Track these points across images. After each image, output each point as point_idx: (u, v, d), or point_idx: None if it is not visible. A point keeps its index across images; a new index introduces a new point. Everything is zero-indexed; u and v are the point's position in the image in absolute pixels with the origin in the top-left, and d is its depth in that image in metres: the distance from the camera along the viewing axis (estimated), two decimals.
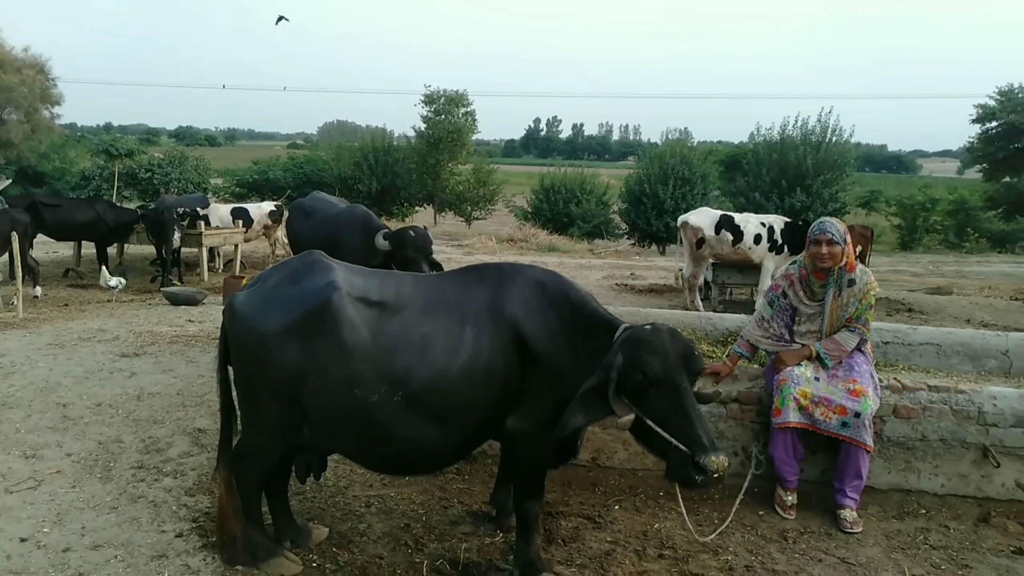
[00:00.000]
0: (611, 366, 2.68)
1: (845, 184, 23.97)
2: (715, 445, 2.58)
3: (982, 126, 33.81)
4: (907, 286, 14.13)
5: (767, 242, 9.93)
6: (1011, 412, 3.87)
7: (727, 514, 3.68)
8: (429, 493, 3.98)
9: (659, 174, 23.88)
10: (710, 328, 5.44)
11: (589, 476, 4.23)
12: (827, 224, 3.84)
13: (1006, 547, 3.57)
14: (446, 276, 3.42)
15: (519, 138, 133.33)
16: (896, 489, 4.02)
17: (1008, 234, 28.01)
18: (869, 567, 3.37)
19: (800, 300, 3.99)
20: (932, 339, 5.26)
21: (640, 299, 11.39)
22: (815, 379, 3.83)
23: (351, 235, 6.39)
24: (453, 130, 29.49)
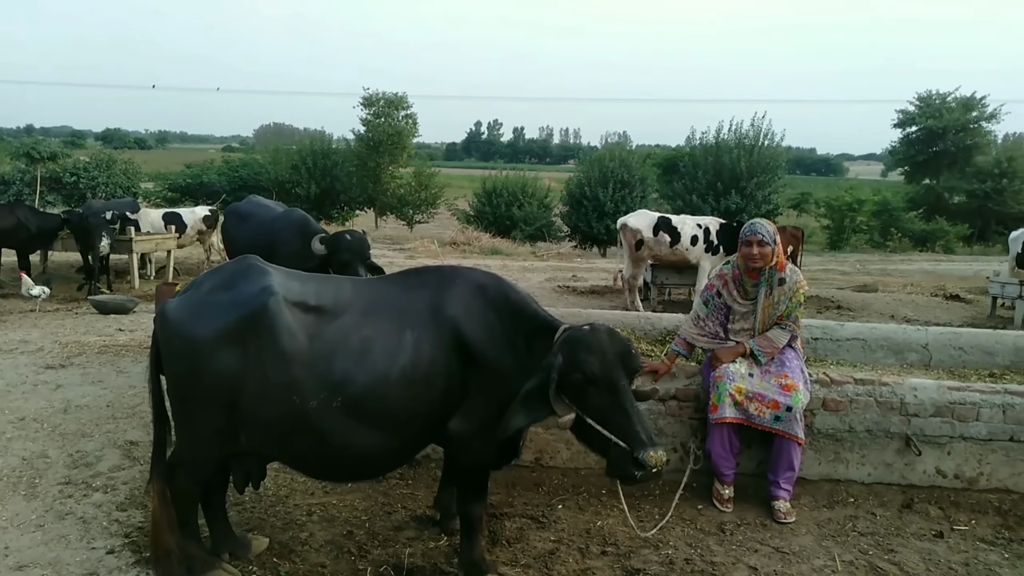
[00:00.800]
0: (551, 367, 2.72)
1: (777, 186, 24.74)
2: (653, 440, 2.64)
3: (903, 131, 35.51)
4: (836, 284, 14.69)
5: (703, 243, 10.19)
6: (931, 402, 4.07)
7: (667, 509, 3.77)
8: (372, 499, 3.94)
9: (599, 177, 24.17)
10: (649, 328, 5.54)
11: (533, 476, 4.26)
12: (758, 226, 3.97)
13: (928, 531, 3.75)
14: (385, 280, 3.40)
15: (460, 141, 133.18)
16: (826, 479, 4.18)
17: (928, 233, 29.37)
18: (802, 555, 3.50)
19: (734, 299, 4.11)
20: (858, 334, 5.49)
21: (582, 300, 11.52)
22: (749, 375, 3.95)
23: (288, 239, 6.28)
24: (393, 133, 29.20)
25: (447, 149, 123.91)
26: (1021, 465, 4.05)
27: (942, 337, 5.47)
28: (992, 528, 3.80)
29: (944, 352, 5.41)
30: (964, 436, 4.06)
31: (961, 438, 4.07)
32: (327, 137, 31.70)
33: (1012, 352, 5.33)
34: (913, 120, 34.70)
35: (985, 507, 3.99)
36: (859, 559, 3.47)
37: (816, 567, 3.39)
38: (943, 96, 34.18)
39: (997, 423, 4.03)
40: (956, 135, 33.01)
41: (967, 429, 4.05)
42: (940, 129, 33.18)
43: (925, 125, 33.87)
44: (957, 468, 4.10)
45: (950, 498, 4.06)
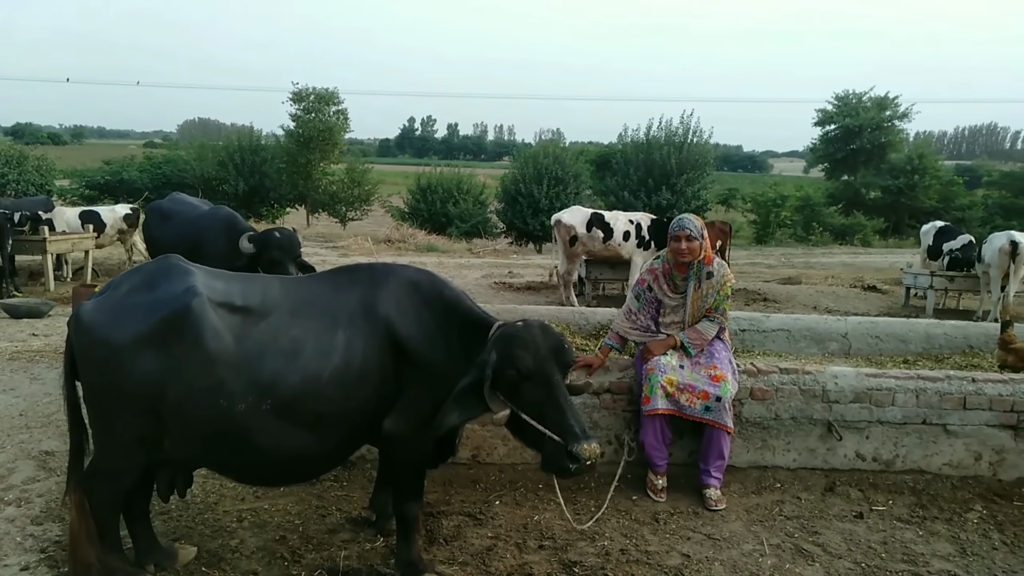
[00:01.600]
0: (485, 363, 2.72)
1: (706, 182, 25.42)
2: (587, 434, 2.67)
3: (823, 129, 37.02)
4: (762, 277, 15.19)
5: (635, 238, 10.38)
6: (850, 389, 4.25)
7: (603, 501, 3.83)
8: (306, 502, 3.86)
9: (533, 174, 24.31)
10: (583, 322, 5.61)
11: (470, 474, 4.25)
12: (686, 221, 4.07)
13: (849, 512, 3.92)
14: (316, 278, 3.33)
15: (394, 137, 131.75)
16: (754, 466, 4.32)
17: (847, 227, 30.71)
18: (732, 540, 3.60)
19: (664, 293, 4.20)
20: (783, 325, 5.70)
21: (518, 296, 11.57)
22: (680, 367, 4.04)
23: (214, 238, 6.08)
24: (324, 129, 28.65)
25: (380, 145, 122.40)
26: (933, 447, 4.27)
27: (860, 327, 5.73)
28: (908, 507, 3.99)
29: (862, 341, 5.66)
30: (881, 420, 4.25)
31: (878, 422, 4.26)
32: (256, 133, 30.82)
33: (924, 339, 5.63)
34: (832, 119, 36.26)
35: (901, 488, 4.19)
36: (785, 542, 3.60)
37: (745, 552, 3.50)
38: (859, 96, 35.82)
39: (911, 407, 4.23)
40: (871, 133, 34.64)
41: (884, 414, 4.24)
42: (856, 127, 34.77)
43: (843, 123, 35.45)
44: (875, 451, 4.29)
45: (869, 480, 4.24)
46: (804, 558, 3.45)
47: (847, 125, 35.11)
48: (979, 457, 4.25)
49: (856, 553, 3.51)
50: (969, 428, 4.23)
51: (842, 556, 3.48)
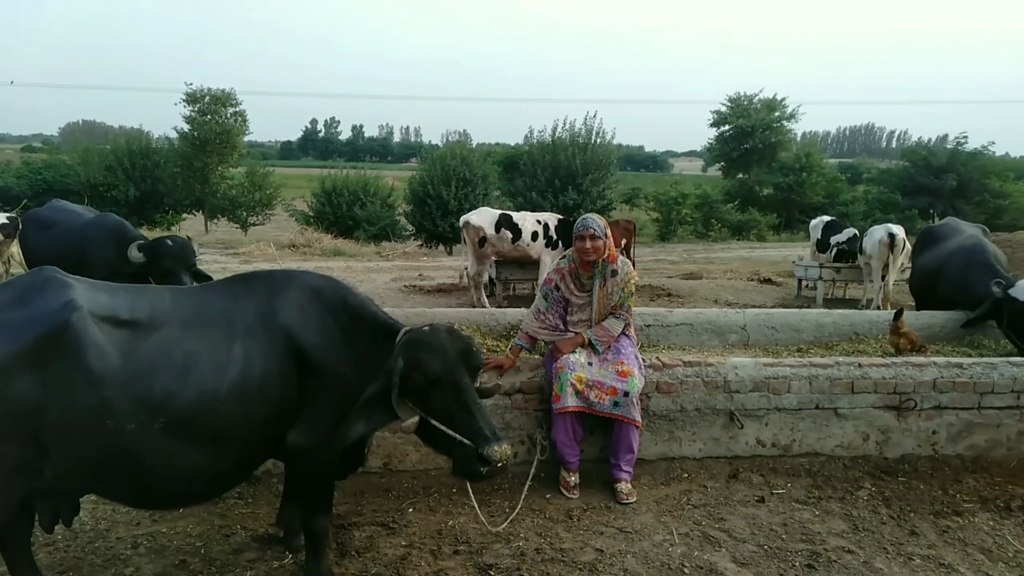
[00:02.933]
0: (392, 370, 2.67)
1: (610, 182, 26.04)
2: (497, 435, 2.66)
3: (718, 129, 38.66)
4: (666, 273, 15.68)
5: (543, 238, 10.48)
6: (749, 379, 4.42)
7: (517, 502, 3.83)
8: (208, 523, 3.67)
9: (441, 175, 24.22)
10: (493, 323, 5.61)
11: (382, 482, 4.16)
12: (589, 220, 4.13)
13: (751, 497, 4.08)
14: (210, 287, 3.17)
15: (296, 140, 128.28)
16: (663, 458, 4.43)
17: (743, 223, 32.16)
18: (643, 532, 3.68)
19: (571, 292, 4.25)
20: (686, 320, 5.88)
21: (429, 299, 11.47)
22: (588, 364, 4.10)
23: (101, 248, 5.71)
24: (221, 131, 27.59)
25: (282, 148, 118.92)
26: (826, 429, 4.50)
27: (757, 318, 5.99)
28: (805, 489, 4.20)
29: (759, 332, 5.92)
30: (778, 407, 4.45)
31: (776, 409, 4.45)
32: (146, 136, 29.31)
33: (815, 328, 5.95)
34: (726, 120, 37.94)
35: (798, 470, 4.39)
36: (694, 530, 3.71)
37: (656, 542, 3.58)
38: (750, 98, 37.60)
39: (805, 393, 4.45)
40: (763, 133, 36.44)
41: (780, 401, 4.44)
42: (749, 128, 36.51)
43: (736, 124, 37.15)
44: (774, 437, 4.49)
45: (769, 465, 4.43)
46: (711, 544, 3.57)
47: (740, 126, 36.84)
48: (867, 437, 4.52)
49: (759, 536, 3.65)
50: (857, 411, 4.49)
51: (746, 540, 3.61)
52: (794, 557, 3.46)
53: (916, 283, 7.37)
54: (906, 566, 3.41)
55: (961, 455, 4.54)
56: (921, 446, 4.54)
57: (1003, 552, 3.55)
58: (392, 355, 2.73)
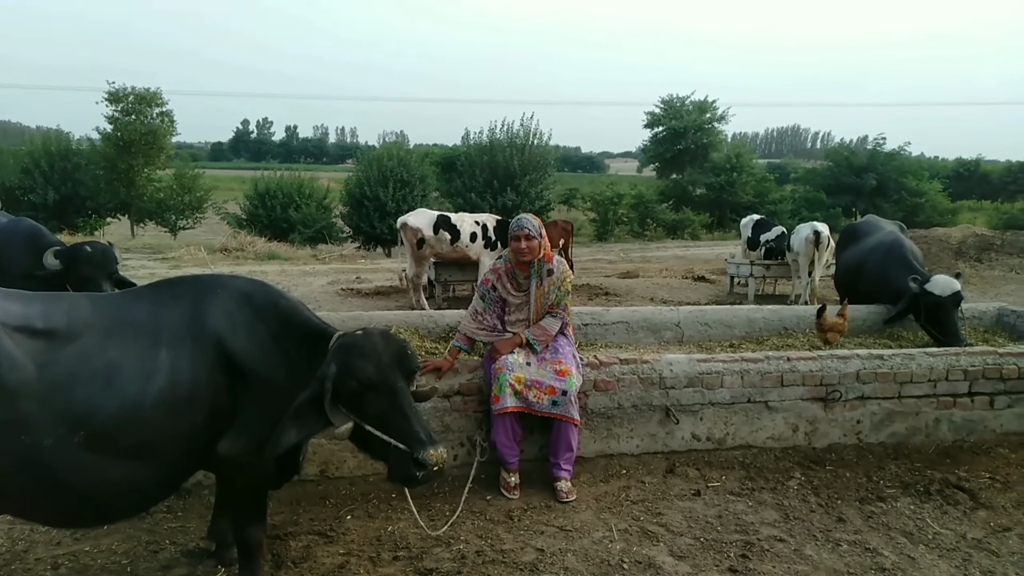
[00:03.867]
0: (325, 376, 2.61)
1: (548, 183, 26.27)
2: (433, 439, 2.63)
3: (652, 131, 39.40)
4: (603, 272, 15.89)
5: (482, 239, 10.48)
6: (684, 375, 4.51)
7: (457, 505, 3.81)
8: (134, 539, 3.52)
9: (378, 177, 23.97)
10: (432, 326, 5.57)
11: (319, 490, 4.08)
12: (524, 221, 4.15)
13: (688, 491, 4.16)
14: (133, 294, 3.04)
15: (227, 141, 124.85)
16: (602, 455, 4.48)
17: (678, 223, 32.87)
18: (583, 530, 3.71)
19: (508, 292, 4.25)
20: (622, 318, 5.96)
21: (367, 303, 11.32)
22: (527, 364, 4.11)
23: (14, 255, 5.40)
24: (147, 132, 26.60)
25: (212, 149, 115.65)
26: (758, 423, 4.63)
27: (691, 315, 6.12)
28: (738, 481, 4.31)
29: (693, 328, 6.05)
30: (712, 402, 4.55)
31: (710, 404, 4.56)
32: (66, 136, 28.02)
33: (746, 324, 6.11)
34: (659, 121, 38.70)
35: (732, 463, 4.51)
36: (632, 526, 3.76)
37: (596, 539, 3.61)
38: (682, 100, 38.46)
39: (737, 388, 4.57)
40: (695, 134, 37.33)
41: (714, 396, 4.54)
42: (681, 129, 37.35)
43: (669, 126, 37.95)
44: (708, 431, 4.59)
45: (704, 459, 4.53)
46: (649, 539, 3.62)
47: (673, 127, 37.65)
48: (796, 429, 4.67)
49: (695, 529, 3.73)
50: (787, 403, 4.63)
51: (683, 533, 3.68)
52: (729, 548, 3.54)
53: (840, 278, 7.66)
54: (834, 551, 3.53)
55: (884, 443, 4.74)
56: (847, 435, 4.72)
57: (923, 534, 3.72)
58: (325, 360, 2.67)
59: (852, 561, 3.44)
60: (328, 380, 2.61)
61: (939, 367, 4.75)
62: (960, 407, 4.80)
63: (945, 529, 3.78)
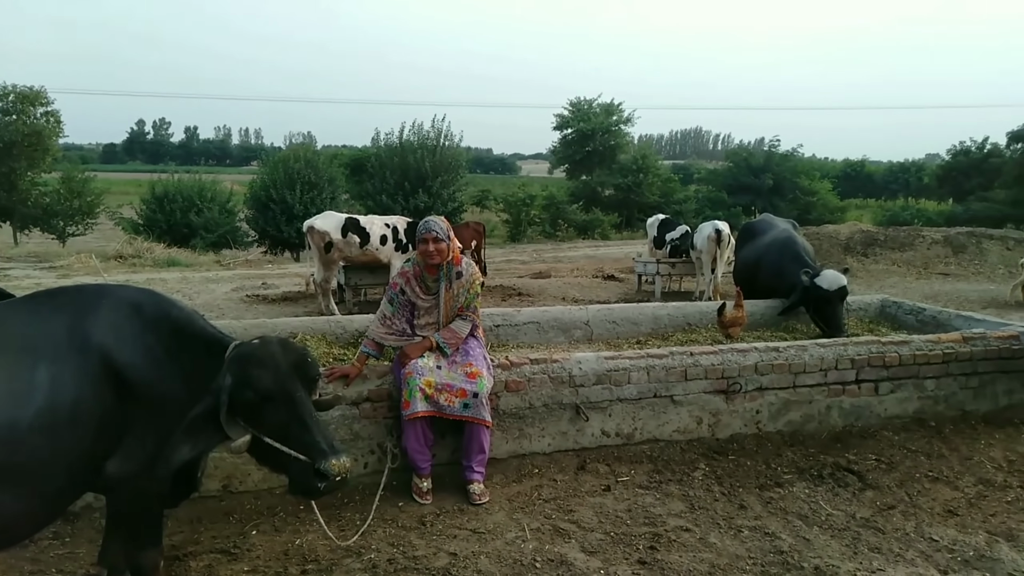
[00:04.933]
0: (220, 388, 2.51)
1: (460, 184, 26.19)
2: (336, 448, 2.57)
3: (561, 133, 39.98)
4: (517, 273, 16.01)
5: (392, 242, 10.37)
6: (592, 372, 4.59)
7: (368, 513, 3.74)
8: (16, 569, 3.28)
9: (285, 179, 23.25)
10: (340, 331, 5.46)
11: (221, 506, 3.92)
12: (432, 223, 4.12)
13: (598, 487, 4.24)
14: (7, 306, 2.83)
15: (121, 142, 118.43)
16: (514, 455, 4.50)
17: (588, 223, 33.46)
18: (496, 531, 3.71)
19: (417, 295, 4.21)
20: (533, 318, 6.02)
21: (273, 309, 10.98)
22: (437, 368, 4.08)
23: None
24: (30, 133, 24.89)
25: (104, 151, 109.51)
26: (664, 416, 4.76)
27: (599, 314, 6.24)
28: (647, 474, 4.42)
29: (602, 326, 6.18)
30: (620, 398, 4.65)
31: (618, 400, 4.66)
32: None
33: (652, 321, 6.29)
34: (568, 123, 39.31)
35: (641, 457, 4.62)
36: (544, 524, 3.79)
37: (509, 540, 3.62)
38: (589, 102, 39.21)
39: (644, 383, 4.69)
40: (602, 136, 38.13)
41: (622, 392, 4.65)
42: (590, 131, 38.07)
43: (578, 128, 38.61)
44: (617, 427, 4.69)
45: (614, 454, 4.62)
46: (561, 536, 3.66)
47: (581, 129, 38.32)
48: (700, 421, 4.83)
49: (606, 524, 3.80)
50: (691, 396, 4.79)
51: (594, 529, 3.74)
52: (638, 540, 3.63)
53: (739, 274, 8.00)
54: (736, 538, 3.68)
55: (781, 431, 4.97)
56: (747, 425, 4.92)
57: (817, 516, 3.93)
58: (220, 372, 2.57)
59: (753, 546, 3.59)
60: (224, 392, 2.50)
61: (829, 357, 5.03)
62: (849, 394, 5.09)
63: (836, 510, 4.00)
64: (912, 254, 16.78)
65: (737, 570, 3.36)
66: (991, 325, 5.78)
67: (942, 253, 16.75)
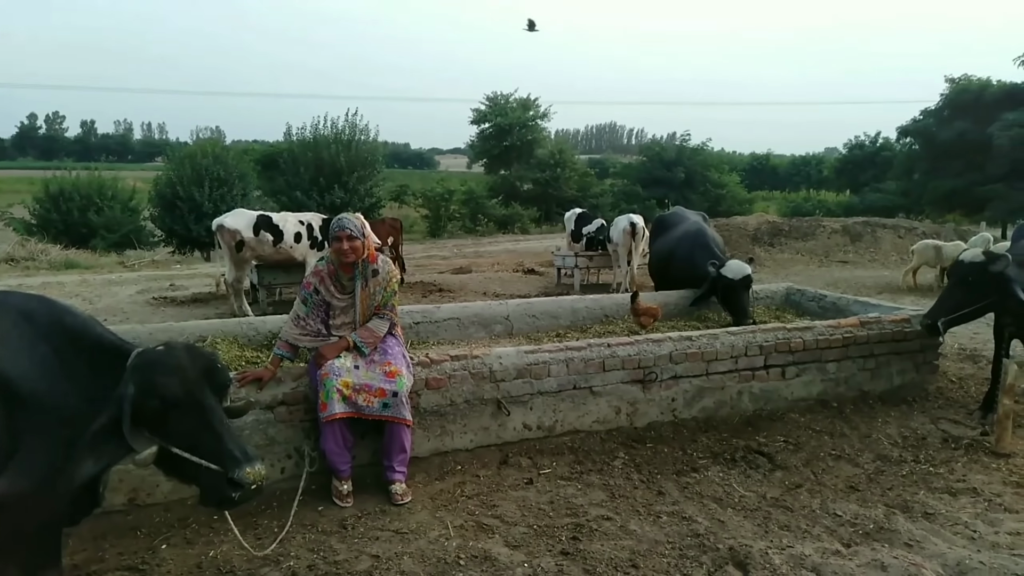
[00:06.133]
0: (122, 398, 2.38)
1: (377, 180, 25.85)
2: (249, 456, 2.49)
3: (479, 127, 39.94)
4: (437, 269, 15.93)
5: (307, 240, 10.11)
6: (513, 367, 4.61)
7: (287, 520, 3.63)
8: None
9: (192, 175, 22.30)
10: (253, 333, 5.29)
11: (128, 520, 3.73)
12: (345, 221, 4.03)
13: (521, 481, 4.26)
14: None
15: (10, 137, 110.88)
16: (436, 453, 4.47)
17: (508, 217, 33.65)
18: (419, 531, 3.68)
19: (332, 295, 4.12)
20: (453, 314, 6.00)
21: (182, 312, 10.53)
22: (355, 368, 4.00)
23: None
24: None
25: None
26: (583, 408, 4.84)
27: (519, 308, 6.28)
28: (568, 466, 4.48)
29: (522, 321, 6.21)
30: (541, 392, 4.69)
31: (539, 394, 4.69)
32: None
33: (570, 313, 6.37)
34: (485, 118, 39.30)
35: (562, 449, 4.68)
36: (468, 521, 3.78)
37: (432, 539, 3.59)
38: (506, 97, 39.32)
39: (564, 376, 4.74)
40: (520, 131, 38.30)
41: (542, 385, 4.69)
42: (507, 126, 38.19)
43: (495, 122, 38.66)
44: (539, 420, 4.73)
45: (536, 447, 4.66)
46: (485, 532, 3.67)
47: (499, 124, 38.39)
48: (619, 411, 4.93)
49: (529, 517, 3.83)
50: (609, 387, 4.88)
51: (517, 523, 3.76)
52: (560, 532, 3.67)
53: (653, 266, 8.21)
54: (655, 524, 3.77)
55: (696, 417, 5.14)
56: (664, 413, 5.06)
57: (731, 498, 4.08)
58: (122, 381, 2.43)
59: (671, 531, 3.69)
60: (126, 402, 2.38)
61: (739, 344, 5.22)
62: (758, 379, 5.31)
63: (749, 491, 4.17)
64: (814, 243, 17.65)
65: (656, 555, 3.45)
66: (885, 310, 6.14)
67: (841, 242, 17.70)
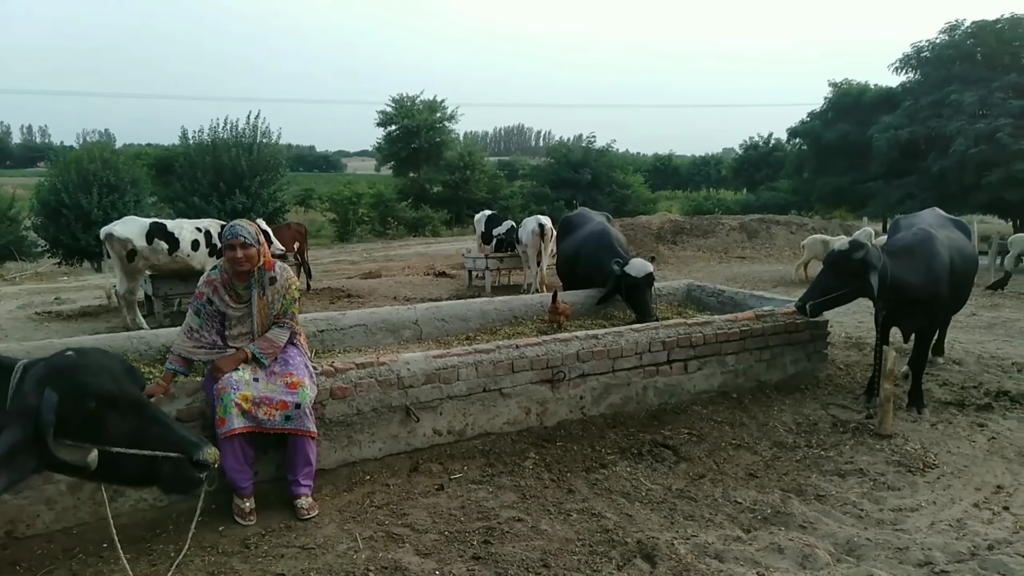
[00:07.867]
0: (42, 409, 2.18)
1: (281, 184, 25.08)
2: (202, 438, 2.44)
3: (385, 129, 39.44)
4: (346, 274, 15.60)
5: (206, 247, 9.71)
6: (421, 372, 4.56)
7: (184, 543, 3.45)
8: None
9: (79, 181, 20.97)
10: (144, 348, 5.02)
11: (5, 555, 3.45)
12: (238, 228, 3.87)
13: (432, 487, 4.21)
14: None
15: None
16: (344, 464, 4.36)
17: (418, 220, 33.39)
18: (326, 545, 3.57)
19: (227, 305, 3.94)
20: (360, 321, 5.88)
21: (69, 326, 9.88)
22: (254, 380, 3.84)
23: None
24: None
25: None
26: (494, 410, 4.83)
27: (428, 312, 6.22)
28: (479, 469, 4.46)
29: (431, 325, 6.16)
30: (450, 396, 4.66)
31: (448, 398, 4.66)
32: None
33: (480, 316, 6.36)
34: (392, 120, 38.86)
35: (473, 452, 4.65)
36: (377, 531, 3.70)
37: (340, 552, 3.50)
38: (412, 99, 39.00)
39: (473, 379, 4.72)
40: (427, 133, 38.07)
41: (451, 389, 4.65)
42: (415, 128, 37.87)
43: (402, 124, 38.28)
44: (449, 425, 4.69)
45: (447, 452, 4.62)
46: (395, 542, 3.60)
47: (406, 126, 38.03)
48: (529, 411, 4.96)
49: (440, 524, 3.78)
50: (519, 388, 4.90)
51: (428, 530, 3.71)
52: (472, 536, 3.64)
53: (561, 266, 8.32)
54: (566, 522, 3.81)
55: (603, 414, 5.23)
56: (572, 412, 5.12)
57: (638, 492, 4.17)
58: (19, 394, 2.23)
59: (581, 528, 3.73)
60: (48, 411, 2.18)
61: (643, 341, 5.35)
62: (662, 374, 5.45)
63: (655, 484, 4.27)
64: (714, 240, 18.37)
65: (567, 553, 3.48)
66: (778, 303, 6.44)
67: (739, 239, 18.50)
